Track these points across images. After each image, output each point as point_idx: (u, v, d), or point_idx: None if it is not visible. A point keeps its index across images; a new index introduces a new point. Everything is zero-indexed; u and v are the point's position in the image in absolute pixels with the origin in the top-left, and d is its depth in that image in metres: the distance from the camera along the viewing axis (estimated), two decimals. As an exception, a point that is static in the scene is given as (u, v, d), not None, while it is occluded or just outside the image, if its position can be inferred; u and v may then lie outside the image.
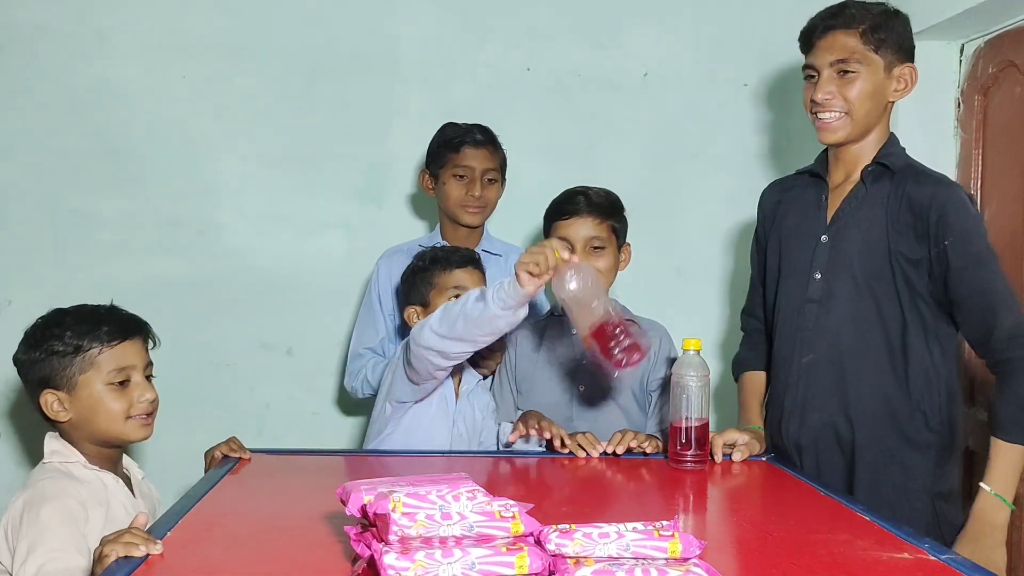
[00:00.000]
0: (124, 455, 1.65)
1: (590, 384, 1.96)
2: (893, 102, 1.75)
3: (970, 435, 2.42)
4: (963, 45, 2.50)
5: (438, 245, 2.08)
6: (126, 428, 1.55)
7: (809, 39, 1.74)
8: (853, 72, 1.68)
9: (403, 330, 2.20)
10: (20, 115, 2.61)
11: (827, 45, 1.70)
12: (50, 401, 1.51)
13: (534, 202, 2.08)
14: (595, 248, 1.95)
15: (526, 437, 1.84)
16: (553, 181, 2.16)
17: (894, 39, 1.70)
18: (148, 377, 1.61)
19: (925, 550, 1.22)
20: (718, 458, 1.74)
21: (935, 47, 2.49)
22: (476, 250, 2.26)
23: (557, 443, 1.73)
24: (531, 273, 1.57)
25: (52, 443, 1.54)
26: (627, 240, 2.03)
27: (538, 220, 2.06)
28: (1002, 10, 2.25)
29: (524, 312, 1.66)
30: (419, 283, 1.94)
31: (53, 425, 1.56)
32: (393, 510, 1.04)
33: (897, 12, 1.73)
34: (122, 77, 2.63)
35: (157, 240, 2.66)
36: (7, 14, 2.59)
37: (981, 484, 1.60)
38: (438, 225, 2.33)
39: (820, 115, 1.73)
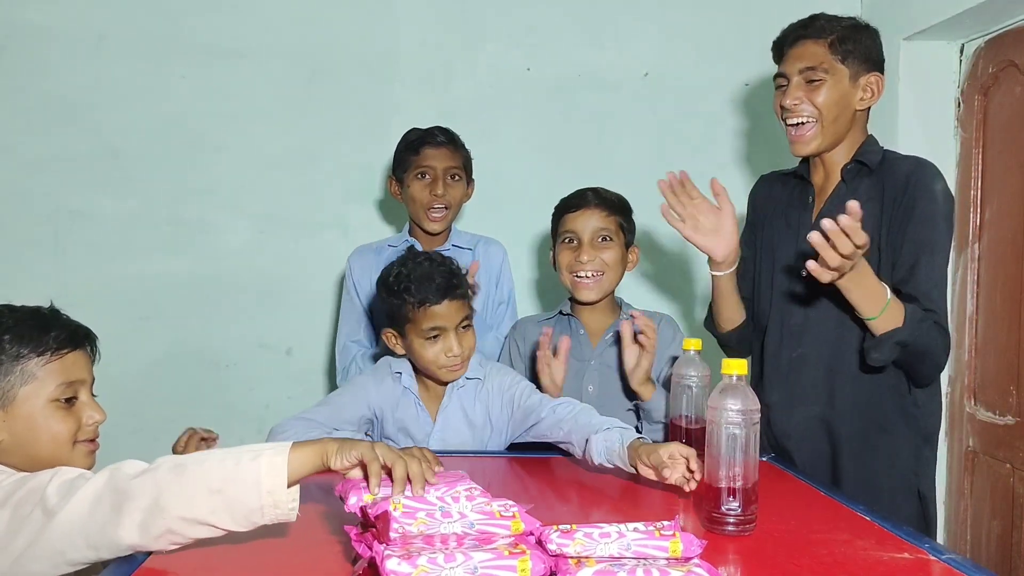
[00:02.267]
0: None
1: (599, 384, 1.95)
2: (862, 110, 1.80)
3: (970, 435, 2.43)
4: (963, 45, 2.50)
5: (411, 252, 1.91)
6: (72, 455, 1.30)
7: (780, 48, 1.82)
8: (819, 80, 1.75)
9: (380, 345, 2.13)
10: (20, 115, 2.61)
11: (797, 54, 1.78)
12: None
13: (534, 202, 2.08)
14: (602, 240, 1.95)
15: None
16: (553, 181, 2.16)
17: (861, 50, 1.76)
18: (92, 396, 1.37)
19: (925, 550, 1.22)
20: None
21: (935, 47, 2.49)
22: (446, 246, 2.26)
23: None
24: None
25: None
26: (635, 243, 2.04)
27: (537, 219, 2.07)
28: (1002, 10, 2.25)
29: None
30: (395, 311, 1.78)
31: None
32: (394, 510, 1.04)
33: (866, 25, 1.80)
34: (122, 77, 2.63)
35: (157, 240, 2.67)
36: (7, 14, 2.59)
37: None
38: (406, 226, 2.33)
39: (790, 121, 1.79)
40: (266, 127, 2.69)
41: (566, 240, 1.97)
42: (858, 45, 1.76)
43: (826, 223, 1.48)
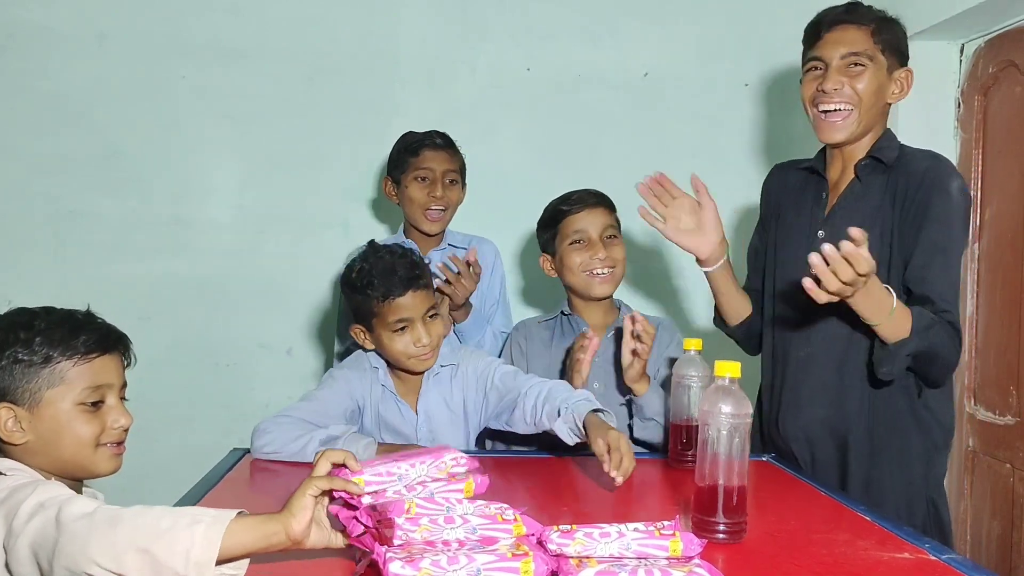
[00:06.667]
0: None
1: (606, 382, 1.95)
2: (890, 104, 1.78)
3: (970, 435, 2.43)
4: (963, 45, 2.50)
5: (372, 246, 1.87)
6: (95, 457, 1.28)
7: (817, 31, 1.77)
8: (862, 66, 1.71)
9: (353, 346, 2.06)
10: (20, 115, 2.61)
11: (837, 38, 1.73)
12: (4, 417, 1.23)
13: (533, 202, 2.08)
14: (610, 237, 1.96)
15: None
16: (553, 181, 2.16)
17: (895, 43, 1.74)
18: (122, 400, 1.34)
19: (925, 550, 1.22)
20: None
21: (935, 47, 2.49)
22: (442, 246, 2.27)
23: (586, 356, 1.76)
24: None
25: (5, 462, 1.24)
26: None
27: (537, 219, 2.06)
28: (1002, 10, 2.26)
29: None
30: (360, 306, 1.78)
31: None
32: (407, 511, 1.04)
33: (896, 19, 1.79)
34: (122, 77, 2.63)
35: (157, 240, 2.67)
36: (7, 14, 2.59)
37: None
38: (401, 227, 2.33)
39: (824, 107, 1.73)
40: (266, 127, 2.69)
41: (575, 241, 1.96)
42: (893, 37, 1.74)
43: (827, 248, 1.39)
